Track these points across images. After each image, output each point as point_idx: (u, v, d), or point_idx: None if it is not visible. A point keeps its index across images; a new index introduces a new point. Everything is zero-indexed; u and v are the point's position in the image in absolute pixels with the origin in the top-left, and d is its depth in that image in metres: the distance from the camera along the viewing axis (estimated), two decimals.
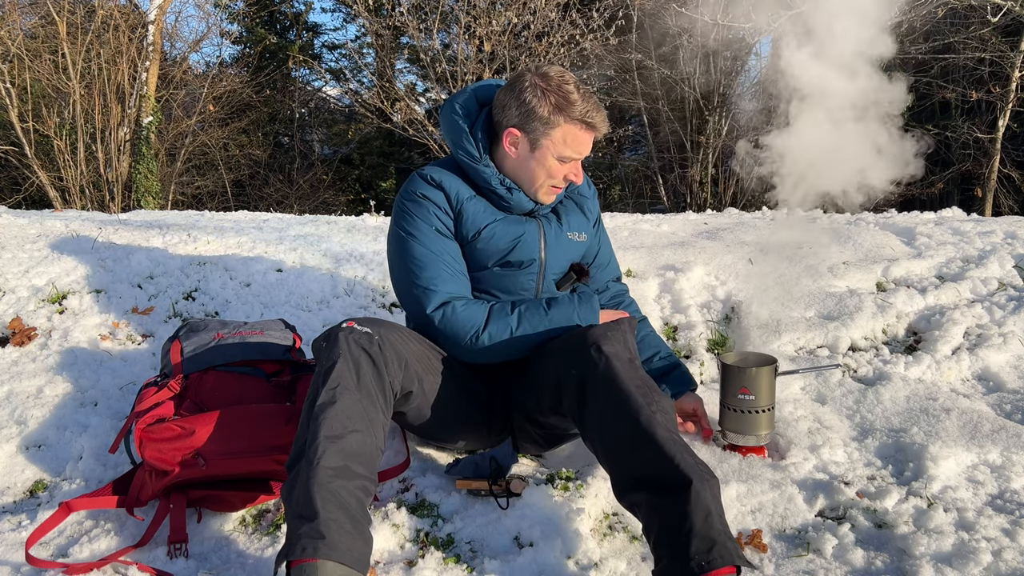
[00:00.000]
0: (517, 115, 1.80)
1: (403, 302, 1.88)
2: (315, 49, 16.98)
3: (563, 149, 1.81)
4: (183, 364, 1.94)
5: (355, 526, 1.38)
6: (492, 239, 1.85)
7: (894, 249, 3.24)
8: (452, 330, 1.77)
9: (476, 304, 1.80)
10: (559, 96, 1.78)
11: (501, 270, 1.89)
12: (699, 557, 1.34)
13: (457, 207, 1.85)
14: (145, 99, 10.27)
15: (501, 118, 1.84)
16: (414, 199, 1.85)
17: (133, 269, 2.88)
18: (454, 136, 1.87)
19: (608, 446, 1.56)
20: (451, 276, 1.82)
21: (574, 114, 1.78)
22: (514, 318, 1.78)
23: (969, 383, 2.37)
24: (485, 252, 1.86)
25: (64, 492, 1.86)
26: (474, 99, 1.90)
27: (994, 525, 1.68)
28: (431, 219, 1.83)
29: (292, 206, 13.19)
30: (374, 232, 3.58)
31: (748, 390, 1.96)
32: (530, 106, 1.78)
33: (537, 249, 1.90)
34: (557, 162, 1.83)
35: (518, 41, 8.04)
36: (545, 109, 1.77)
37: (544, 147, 1.81)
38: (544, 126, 1.79)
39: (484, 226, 1.85)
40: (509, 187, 1.86)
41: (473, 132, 1.85)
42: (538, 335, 1.78)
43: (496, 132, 1.86)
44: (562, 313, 1.80)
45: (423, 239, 1.82)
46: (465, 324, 1.77)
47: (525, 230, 1.89)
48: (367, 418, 1.51)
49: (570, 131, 1.80)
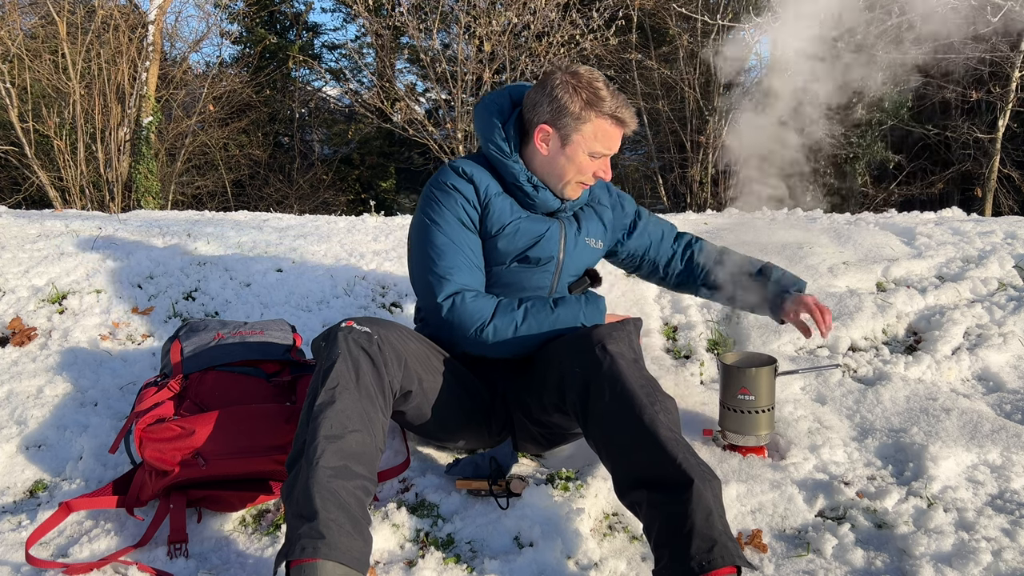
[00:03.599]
0: (548, 111, 1.83)
1: (416, 288, 1.90)
2: (315, 49, 16.97)
3: (593, 144, 1.83)
4: (183, 364, 1.94)
5: (355, 526, 1.38)
6: (515, 235, 1.87)
7: (894, 249, 3.24)
8: (459, 320, 1.78)
9: (485, 297, 1.81)
10: (590, 92, 1.80)
11: (519, 266, 1.90)
12: (700, 556, 1.34)
13: (485, 201, 1.87)
14: (145, 99, 10.26)
15: (532, 116, 1.86)
16: (443, 189, 1.86)
17: (133, 269, 2.88)
18: (486, 132, 1.90)
19: (610, 445, 1.56)
20: (467, 268, 1.83)
21: (604, 109, 1.81)
22: (520, 313, 1.79)
23: (969, 383, 2.37)
24: (506, 248, 1.88)
25: (64, 492, 1.86)
26: (508, 98, 1.94)
27: (994, 525, 1.68)
28: (457, 210, 1.84)
29: (292, 206, 13.18)
30: (374, 232, 3.58)
31: (748, 390, 1.96)
32: (561, 102, 1.81)
33: (557, 248, 1.92)
34: (587, 158, 1.85)
35: (518, 41, 8.04)
36: (576, 105, 1.80)
37: (575, 142, 1.83)
38: (575, 121, 1.81)
39: (508, 222, 1.87)
40: (536, 185, 1.88)
41: (505, 129, 1.88)
42: (542, 332, 1.79)
43: (527, 131, 1.89)
44: (568, 312, 1.81)
45: (446, 228, 1.83)
46: (472, 315, 1.77)
47: (548, 228, 1.91)
48: (366, 418, 1.51)
49: (600, 126, 1.82)
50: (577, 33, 7.99)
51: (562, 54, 7.99)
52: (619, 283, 2.92)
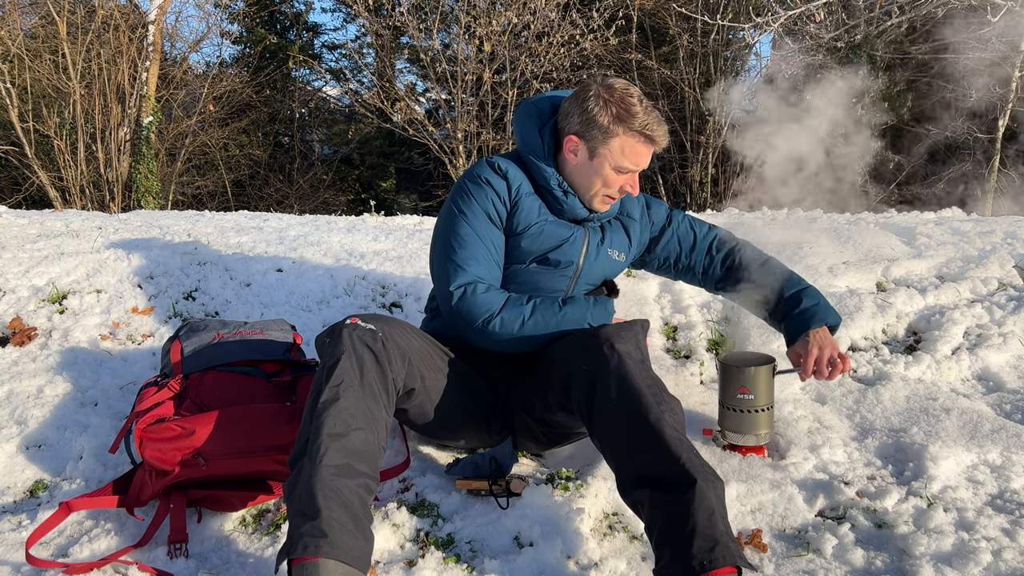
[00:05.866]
0: (579, 123, 1.83)
1: (433, 275, 1.91)
2: (315, 49, 16.95)
3: (620, 159, 1.83)
4: (183, 364, 1.94)
5: (357, 525, 1.38)
6: (540, 236, 1.88)
7: (894, 249, 3.24)
8: (467, 310, 1.78)
9: (496, 291, 1.82)
10: (621, 107, 1.80)
11: (538, 267, 1.91)
12: (701, 556, 1.35)
13: (516, 198, 1.87)
14: (145, 99, 10.27)
15: (564, 125, 1.87)
16: (477, 182, 1.87)
17: (133, 269, 2.88)
18: (524, 133, 1.92)
19: (615, 443, 1.56)
20: (485, 262, 1.84)
21: (634, 125, 1.81)
22: (528, 308, 1.80)
23: (969, 383, 2.37)
24: (529, 247, 1.89)
25: (64, 492, 1.86)
26: (549, 103, 1.95)
27: (994, 525, 1.68)
28: (487, 204, 1.85)
29: (292, 206, 13.18)
30: (374, 232, 3.58)
31: (747, 389, 1.96)
32: (591, 114, 1.81)
33: (578, 254, 1.93)
34: (614, 172, 1.85)
35: (518, 41, 8.04)
36: (606, 118, 1.80)
37: (602, 155, 1.83)
38: (603, 135, 1.81)
39: (534, 223, 1.88)
40: (566, 190, 1.89)
41: (542, 133, 1.90)
42: (548, 329, 1.80)
43: (559, 138, 1.89)
44: (575, 311, 1.81)
45: (472, 220, 1.84)
46: (481, 306, 1.78)
47: (572, 234, 1.92)
48: (370, 416, 1.51)
49: (628, 142, 1.82)
50: (577, 33, 8.00)
51: (562, 54, 7.99)
52: (619, 283, 2.91)
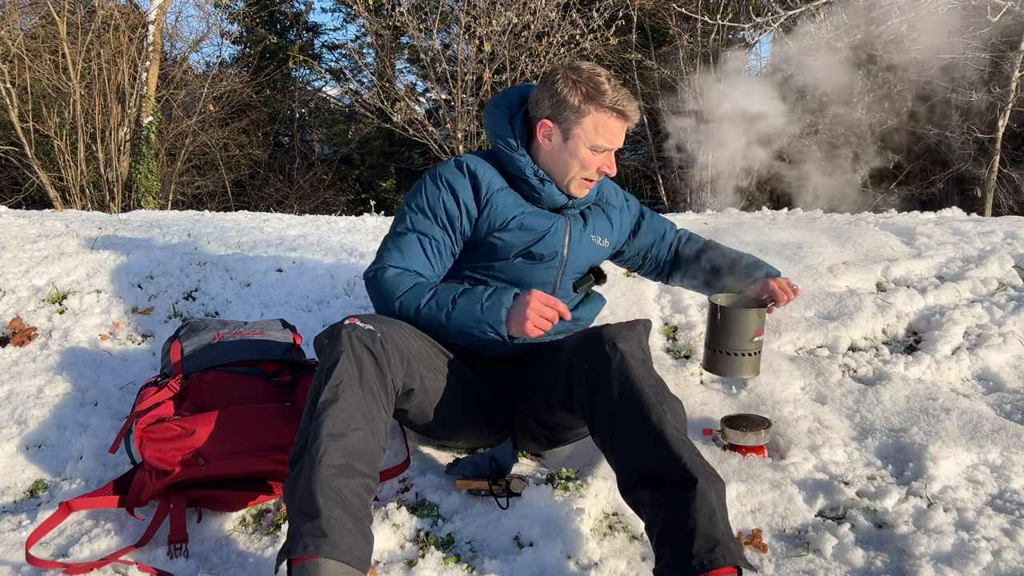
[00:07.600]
0: (550, 107, 1.84)
1: None
2: (315, 49, 16.96)
3: (595, 138, 1.83)
4: (183, 364, 1.94)
5: (357, 525, 1.38)
6: (520, 229, 1.87)
7: (894, 249, 3.24)
8: (375, 291, 1.82)
9: (407, 274, 1.82)
10: (590, 86, 1.81)
11: (523, 261, 1.90)
12: (701, 556, 1.35)
13: (487, 195, 1.87)
14: (145, 99, 10.27)
15: (535, 112, 1.88)
16: (436, 180, 1.88)
17: (133, 269, 2.88)
18: (494, 126, 1.92)
19: (616, 442, 1.56)
20: (412, 255, 1.84)
21: (605, 102, 1.81)
22: (427, 295, 1.78)
23: (969, 383, 2.37)
24: (511, 242, 1.88)
25: (64, 492, 1.86)
26: (517, 95, 1.96)
27: (994, 525, 1.68)
28: (436, 203, 1.85)
29: (292, 206, 13.18)
30: (374, 232, 3.58)
31: (734, 330, 1.92)
32: (561, 96, 1.82)
33: (561, 244, 1.92)
34: (590, 152, 1.85)
35: (518, 41, 8.04)
36: (576, 98, 1.81)
37: (576, 136, 1.83)
38: (575, 115, 1.82)
39: (513, 216, 1.87)
40: (542, 178, 1.89)
41: (512, 124, 1.89)
42: (441, 316, 1.75)
43: (531, 127, 1.89)
44: (468, 300, 1.75)
45: (412, 216, 1.86)
46: (388, 288, 1.79)
47: (553, 224, 1.91)
48: (369, 416, 1.51)
49: (601, 119, 1.83)
50: (577, 33, 8.00)
51: (562, 54, 7.99)
52: (619, 283, 2.91)
